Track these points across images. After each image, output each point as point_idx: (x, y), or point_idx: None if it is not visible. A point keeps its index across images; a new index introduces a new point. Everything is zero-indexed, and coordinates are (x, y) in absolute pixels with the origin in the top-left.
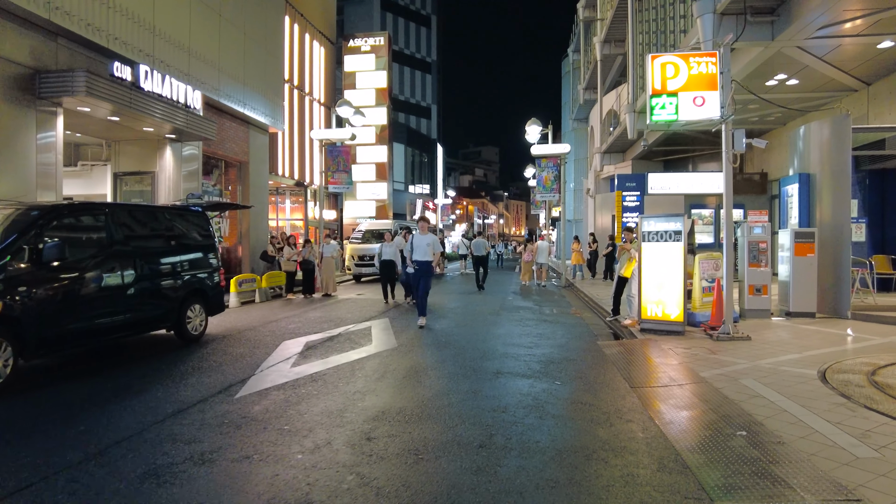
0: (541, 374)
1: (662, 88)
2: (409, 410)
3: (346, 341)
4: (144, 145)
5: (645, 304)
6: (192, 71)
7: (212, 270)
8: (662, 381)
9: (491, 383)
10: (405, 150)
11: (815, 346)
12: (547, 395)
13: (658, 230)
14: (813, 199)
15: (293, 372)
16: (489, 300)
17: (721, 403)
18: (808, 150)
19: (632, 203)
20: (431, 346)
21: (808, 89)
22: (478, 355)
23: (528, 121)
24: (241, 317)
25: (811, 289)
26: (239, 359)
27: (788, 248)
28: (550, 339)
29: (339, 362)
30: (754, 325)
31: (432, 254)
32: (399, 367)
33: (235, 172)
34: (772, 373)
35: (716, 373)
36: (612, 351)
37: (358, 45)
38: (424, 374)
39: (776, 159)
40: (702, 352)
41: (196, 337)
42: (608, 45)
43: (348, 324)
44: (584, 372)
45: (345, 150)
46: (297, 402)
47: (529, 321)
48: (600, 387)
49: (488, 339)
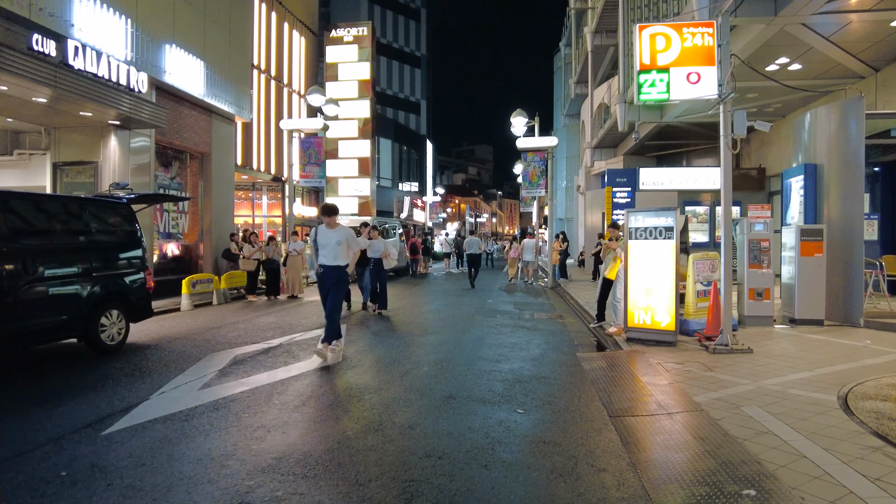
0: (502, 399)
1: (652, 63)
2: (315, 456)
3: (283, 354)
4: (87, 133)
5: (632, 309)
6: (140, 51)
7: (134, 271)
8: (649, 408)
9: (436, 413)
10: (392, 146)
11: (827, 362)
12: (503, 431)
13: (647, 226)
14: (820, 193)
15: (197, 396)
16: (466, 302)
17: (721, 443)
18: (815, 139)
19: (622, 200)
20: (381, 360)
21: (812, 75)
22: (432, 372)
23: (513, 112)
24: (183, 322)
25: (819, 293)
26: (145, 376)
27: (793, 248)
28: (524, 351)
29: (261, 383)
30: (755, 335)
31: (346, 254)
32: (331, 389)
33: (197, 165)
34: (780, 398)
35: (713, 397)
36: (592, 365)
37: (340, 35)
38: (358, 400)
39: (775, 153)
40: (696, 368)
41: (112, 347)
42: (599, 36)
43: (297, 331)
44: (555, 395)
45: (317, 141)
46: (178, 441)
47: (505, 327)
48: (572, 417)
49: (452, 350)
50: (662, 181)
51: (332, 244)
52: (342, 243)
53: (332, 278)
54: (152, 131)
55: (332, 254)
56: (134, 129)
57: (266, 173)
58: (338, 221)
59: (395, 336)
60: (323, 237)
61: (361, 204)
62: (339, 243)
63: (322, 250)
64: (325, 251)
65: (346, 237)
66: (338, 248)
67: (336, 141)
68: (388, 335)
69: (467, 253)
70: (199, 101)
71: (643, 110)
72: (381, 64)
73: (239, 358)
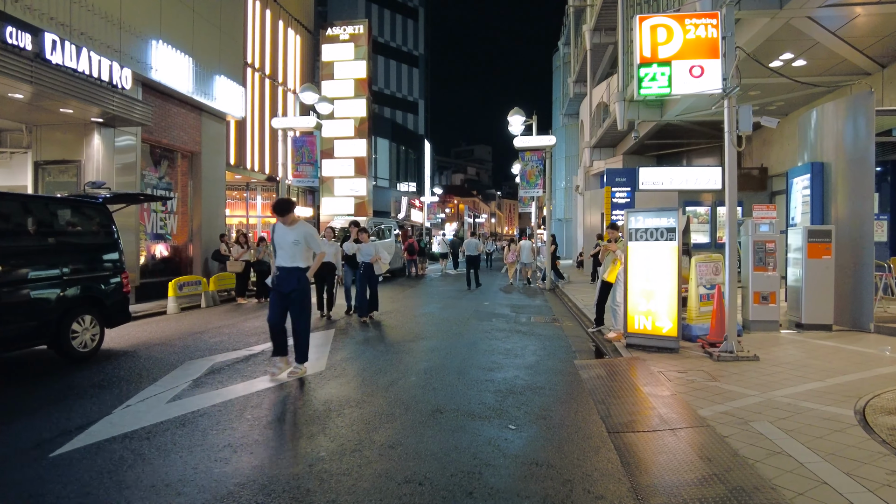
0: (493, 413)
1: (653, 56)
2: (282, 482)
3: (263, 362)
4: (70, 131)
5: (632, 314)
6: (125, 47)
7: (110, 274)
8: (651, 423)
9: (421, 430)
10: (390, 146)
11: (839, 370)
12: (492, 451)
13: (647, 227)
14: (828, 193)
15: (164, 410)
16: (462, 305)
17: (730, 465)
18: (822, 136)
19: (622, 200)
20: (367, 369)
21: (816, 72)
22: (420, 383)
23: (511, 111)
24: (167, 326)
25: (827, 297)
26: (113, 387)
27: (800, 249)
28: (519, 358)
29: (236, 394)
30: (761, 341)
31: (306, 255)
32: (309, 403)
33: (187, 164)
34: (792, 412)
35: (719, 410)
36: (590, 374)
37: (336, 33)
38: (338, 415)
39: (777, 153)
40: (700, 377)
41: (85, 355)
42: (598, 34)
43: None
44: (550, 408)
45: (310, 140)
46: (133, 463)
47: (500, 332)
48: (568, 433)
49: (444, 358)
50: (662, 181)
51: (288, 244)
52: (300, 243)
53: (291, 284)
54: (138, 129)
55: (290, 254)
56: (119, 127)
57: (260, 173)
58: (297, 216)
59: (384, 342)
60: (279, 236)
61: (358, 204)
62: (297, 243)
63: (279, 251)
64: (282, 252)
65: (304, 236)
66: (295, 248)
67: (332, 140)
68: (376, 341)
69: (467, 254)
70: (188, 98)
71: (643, 108)
72: (379, 63)
73: (217, 366)
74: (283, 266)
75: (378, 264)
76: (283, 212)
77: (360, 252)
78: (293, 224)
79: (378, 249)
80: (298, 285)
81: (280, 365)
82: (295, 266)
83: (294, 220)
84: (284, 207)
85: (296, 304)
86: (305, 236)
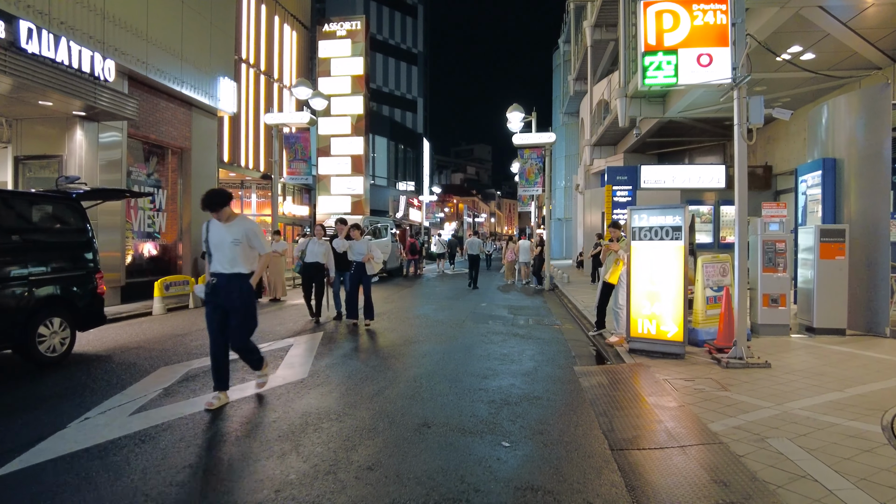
0: (486, 427)
1: (658, 44)
2: None
3: (242, 368)
4: (52, 125)
5: (635, 317)
6: (109, 38)
7: (83, 274)
8: (657, 439)
9: (405, 448)
10: (388, 144)
11: (857, 379)
12: (482, 473)
13: (652, 226)
14: (840, 190)
15: (125, 423)
16: (458, 306)
17: (749, 491)
18: (834, 131)
19: (623, 198)
20: (352, 377)
21: (826, 66)
22: (408, 392)
23: (510, 107)
24: (148, 328)
25: (840, 299)
26: (76, 395)
27: (811, 249)
28: (516, 364)
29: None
30: (771, 346)
31: (246, 258)
32: (285, 415)
33: (177, 160)
34: (813, 426)
35: (731, 424)
36: (591, 382)
37: (333, 29)
38: (315, 430)
39: (782, 150)
40: (709, 385)
41: (54, 360)
42: (599, 30)
43: (268, 340)
44: (548, 421)
45: (304, 137)
46: (76, 488)
47: (497, 335)
48: (567, 451)
49: (436, 363)
50: (665, 179)
51: (226, 245)
52: (240, 243)
53: (231, 294)
54: (124, 124)
55: (229, 257)
56: (103, 121)
57: (255, 171)
58: (234, 211)
59: (374, 347)
60: (215, 235)
61: (355, 203)
62: (237, 243)
63: (215, 254)
64: (219, 254)
65: (245, 234)
66: (234, 249)
67: (328, 138)
68: (365, 346)
69: (468, 254)
70: (177, 93)
71: (645, 105)
72: (378, 61)
73: (193, 373)
74: (220, 272)
75: (370, 264)
76: (216, 205)
77: (352, 250)
78: (230, 220)
79: (371, 248)
80: (240, 295)
81: (220, 396)
82: (235, 272)
83: (231, 216)
84: (216, 200)
85: (236, 316)
86: (247, 234)
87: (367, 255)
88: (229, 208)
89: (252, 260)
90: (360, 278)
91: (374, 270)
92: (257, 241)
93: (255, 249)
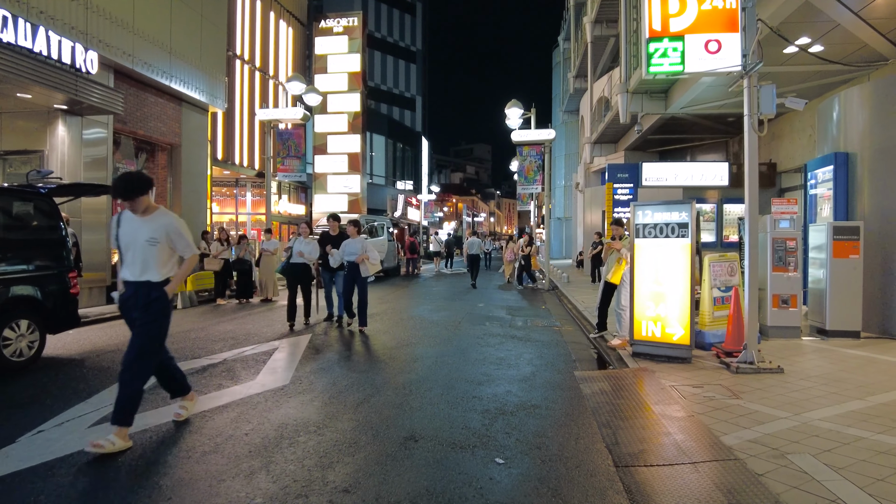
0: (478, 441)
1: (664, 29)
2: None
3: (220, 374)
4: (33, 119)
5: (639, 319)
6: (93, 29)
7: (53, 274)
8: (666, 454)
9: (387, 465)
10: (386, 143)
11: (879, 386)
12: (472, 496)
13: (657, 223)
14: (853, 186)
15: (81, 437)
16: (455, 306)
17: None
18: (846, 124)
19: (624, 196)
20: (337, 384)
21: (834, 58)
22: (396, 400)
23: (508, 103)
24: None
25: (854, 300)
26: (37, 404)
27: (822, 248)
28: (513, 368)
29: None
30: (782, 349)
31: (164, 260)
32: (259, 427)
33: (166, 157)
34: (837, 440)
35: (747, 437)
36: (593, 388)
37: (330, 25)
38: (290, 445)
39: (787, 147)
40: (719, 392)
41: (20, 364)
42: (599, 26)
43: (251, 343)
44: (547, 433)
45: (297, 133)
46: None
47: (493, 337)
48: (567, 468)
49: (428, 368)
50: (667, 177)
51: (139, 244)
52: (157, 243)
53: (139, 305)
54: (110, 119)
55: (140, 260)
56: (87, 115)
57: (250, 168)
58: (154, 203)
59: (364, 350)
60: (126, 233)
61: (352, 202)
62: (153, 242)
63: (126, 255)
64: (130, 256)
65: (165, 231)
66: (149, 250)
67: (325, 136)
68: (354, 349)
69: (469, 253)
70: (166, 87)
71: (646, 100)
72: (376, 58)
73: None
74: (129, 279)
75: (365, 265)
76: (131, 192)
77: (345, 249)
78: (148, 213)
79: (367, 247)
80: (146, 311)
81: (185, 405)
82: (144, 280)
83: (150, 208)
84: (132, 186)
85: (139, 332)
86: (168, 232)
87: (361, 255)
88: (148, 197)
89: (171, 265)
90: (355, 279)
91: (370, 273)
92: (181, 241)
93: (180, 249)
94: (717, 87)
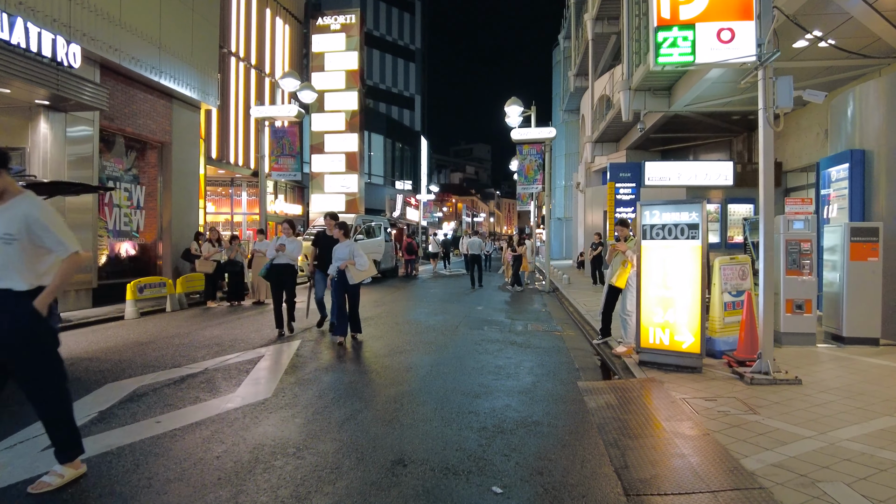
0: (474, 465)
1: (673, 18)
2: None
3: (199, 385)
4: (14, 115)
5: (646, 325)
6: (76, 21)
7: None
8: (682, 481)
9: (371, 496)
10: (385, 142)
11: None
12: None
13: (665, 223)
14: (869, 185)
15: (33, 462)
16: (453, 310)
17: None
18: (862, 120)
19: (626, 196)
20: (323, 397)
21: (844, 53)
22: (385, 417)
23: (508, 101)
24: (112, 335)
25: (873, 305)
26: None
27: (837, 250)
28: (512, 378)
29: (144, 434)
30: (797, 357)
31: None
32: (233, 448)
33: (156, 155)
34: (872, 466)
35: (770, 461)
36: (598, 402)
37: (327, 23)
38: (264, 470)
39: (794, 146)
40: (734, 407)
41: None
42: (601, 23)
43: (236, 351)
44: (549, 455)
45: (291, 131)
46: None
47: (492, 343)
48: (573, 497)
49: (421, 379)
50: (670, 176)
51: None
52: (15, 240)
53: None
54: (96, 116)
55: (9, 270)
56: (71, 112)
57: (245, 168)
58: (9, 185)
59: (354, 359)
60: None
61: (349, 201)
62: (8, 240)
63: None
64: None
65: (26, 223)
66: (5, 249)
67: (322, 135)
68: (343, 357)
69: (469, 253)
70: (156, 83)
71: (649, 98)
72: (374, 57)
73: (141, 390)
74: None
75: (350, 272)
76: None
77: (335, 255)
78: (3, 200)
79: (354, 252)
80: (15, 329)
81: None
82: (8, 288)
83: (7, 193)
84: None
85: (18, 365)
86: (28, 224)
87: (347, 259)
88: (4, 179)
89: (40, 269)
90: (344, 287)
91: (355, 280)
92: (49, 237)
93: (48, 245)
94: (723, 83)
